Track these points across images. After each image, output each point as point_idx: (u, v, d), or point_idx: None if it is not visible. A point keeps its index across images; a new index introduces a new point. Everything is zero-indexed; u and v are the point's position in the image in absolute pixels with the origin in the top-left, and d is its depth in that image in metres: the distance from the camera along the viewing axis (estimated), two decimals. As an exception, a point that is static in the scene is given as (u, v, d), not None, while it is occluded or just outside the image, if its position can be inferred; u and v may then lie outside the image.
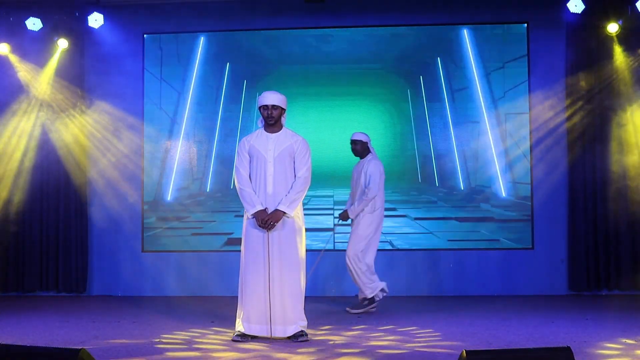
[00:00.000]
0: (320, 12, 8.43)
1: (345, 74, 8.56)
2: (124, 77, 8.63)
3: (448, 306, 7.40)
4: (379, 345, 5.41)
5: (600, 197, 8.11)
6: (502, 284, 8.25)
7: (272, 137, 5.70)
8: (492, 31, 8.47)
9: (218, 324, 6.40)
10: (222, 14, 8.56)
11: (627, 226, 8.06)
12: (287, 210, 5.55)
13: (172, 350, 5.28)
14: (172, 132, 8.66)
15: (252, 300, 5.59)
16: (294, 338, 5.55)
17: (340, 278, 8.34)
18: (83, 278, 8.48)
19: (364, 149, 7.17)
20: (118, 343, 5.56)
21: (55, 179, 8.47)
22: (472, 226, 8.40)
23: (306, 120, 8.48)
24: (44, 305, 7.72)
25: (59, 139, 8.47)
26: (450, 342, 5.47)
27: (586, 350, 5.10)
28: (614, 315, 6.69)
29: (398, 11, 8.50)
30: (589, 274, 8.08)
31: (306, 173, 5.66)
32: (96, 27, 8.38)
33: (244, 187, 5.65)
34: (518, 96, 8.37)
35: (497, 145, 8.39)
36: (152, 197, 8.58)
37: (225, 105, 8.64)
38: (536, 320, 6.46)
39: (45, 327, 6.28)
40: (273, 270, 5.54)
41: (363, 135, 7.18)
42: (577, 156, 8.14)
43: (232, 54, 8.66)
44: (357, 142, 7.18)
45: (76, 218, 8.48)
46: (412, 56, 8.53)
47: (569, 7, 7.96)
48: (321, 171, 8.27)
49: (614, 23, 7.96)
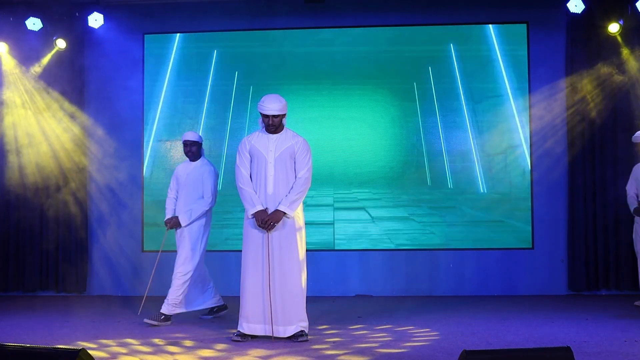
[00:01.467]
0: (320, 12, 8.43)
1: (345, 73, 8.55)
2: (124, 77, 8.63)
3: (448, 306, 7.40)
4: (379, 345, 5.41)
5: (600, 197, 8.12)
6: (502, 284, 8.25)
7: (273, 138, 5.70)
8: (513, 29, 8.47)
9: (218, 324, 6.40)
10: (222, 14, 8.55)
11: (627, 226, 8.05)
12: (288, 211, 5.54)
13: (172, 351, 5.28)
14: (173, 132, 8.66)
15: (252, 300, 5.59)
16: (293, 338, 5.56)
17: (340, 278, 8.35)
18: (83, 278, 8.48)
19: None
20: (118, 343, 5.56)
21: (55, 179, 8.46)
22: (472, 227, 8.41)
23: (306, 120, 8.47)
24: (44, 305, 7.72)
25: (59, 138, 8.47)
26: (450, 342, 5.47)
27: (586, 350, 5.10)
28: (614, 315, 6.69)
29: (398, 11, 8.50)
30: (588, 274, 8.08)
31: (307, 174, 5.66)
32: (96, 27, 8.38)
33: (245, 186, 5.65)
34: (517, 96, 8.37)
35: (495, 145, 8.40)
36: (152, 197, 8.57)
37: (228, 105, 8.63)
38: (536, 320, 6.46)
39: (45, 327, 6.28)
40: (273, 271, 5.54)
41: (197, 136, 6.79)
42: (577, 156, 8.14)
43: (233, 54, 8.66)
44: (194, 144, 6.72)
45: (76, 218, 8.48)
46: (412, 56, 8.53)
47: (569, 7, 7.96)
48: (321, 171, 8.26)
49: (615, 23, 7.96)
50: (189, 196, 6.61)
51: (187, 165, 6.75)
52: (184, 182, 6.67)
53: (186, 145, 6.70)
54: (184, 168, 6.75)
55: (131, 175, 8.57)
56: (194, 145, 6.68)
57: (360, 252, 8.41)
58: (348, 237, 8.43)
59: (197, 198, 6.58)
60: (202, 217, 6.58)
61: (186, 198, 6.62)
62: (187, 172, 6.70)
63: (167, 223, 6.66)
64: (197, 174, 6.62)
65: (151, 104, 8.67)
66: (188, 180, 6.65)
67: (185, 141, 6.71)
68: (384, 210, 8.46)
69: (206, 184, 6.59)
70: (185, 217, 6.52)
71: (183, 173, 6.72)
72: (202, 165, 6.67)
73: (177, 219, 6.55)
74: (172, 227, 6.62)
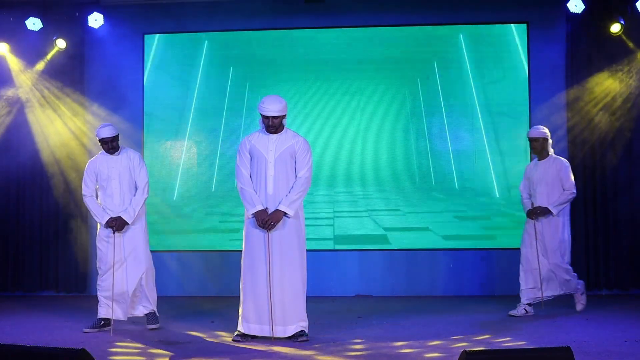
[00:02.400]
0: (320, 12, 8.43)
1: (345, 74, 8.55)
2: (124, 77, 8.63)
3: (447, 306, 7.40)
4: (379, 345, 5.41)
5: (600, 197, 8.11)
6: (502, 284, 8.24)
7: (273, 138, 5.70)
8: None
9: (218, 324, 6.40)
10: (222, 14, 8.55)
11: (627, 226, 8.06)
12: (288, 210, 5.55)
13: (172, 351, 5.28)
14: (173, 132, 8.66)
15: (252, 300, 5.59)
16: (293, 338, 5.56)
17: (340, 278, 8.35)
18: (83, 278, 8.47)
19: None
20: (118, 343, 5.56)
21: (55, 179, 8.46)
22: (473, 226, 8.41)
23: (307, 119, 8.47)
24: (44, 305, 7.72)
25: (59, 138, 8.47)
26: (450, 342, 5.47)
27: (586, 350, 5.10)
28: (614, 315, 6.69)
29: (398, 11, 8.50)
30: (589, 274, 8.08)
31: (307, 173, 5.66)
32: (96, 27, 8.38)
33: (245, 186, 5.65)
34: (517, 96, 8.37)
35: (494, 144, 8.41)
36: (152, 197, 8.56)
37: (229, 105, 8.64)
38: (536, 320, 6.46)
39: (45, 327, 6.28)
40: (273, 271, 5.54)
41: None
42: (577, 156, 8.14)
43: (232, 54, 8.65)
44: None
45: (76, 217, 8.48)
46: (412, 56, 8.53)
47: (569, 7, 7.96)
48: (321, 170, 8.26)
49: (616, 23, 7.95)
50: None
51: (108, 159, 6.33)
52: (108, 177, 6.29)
53: (106, 143, 6.24)
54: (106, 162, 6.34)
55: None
56: (114, 141, 6.28)
57: (360, 252, 8.41)
58: (348, 237, 8.42)
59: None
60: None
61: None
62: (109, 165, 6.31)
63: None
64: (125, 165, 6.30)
65: (151, 104, 8.67)
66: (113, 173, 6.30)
67: (104, 138, 6.22)
68: (384, 210, 8.46)
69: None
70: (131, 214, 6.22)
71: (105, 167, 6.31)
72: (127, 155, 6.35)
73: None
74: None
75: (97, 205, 6.28)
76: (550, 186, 6.76)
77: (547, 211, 6.70)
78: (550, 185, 6.76)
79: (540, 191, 6.79)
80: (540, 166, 6.86)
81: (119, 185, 6.27)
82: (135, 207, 6.21)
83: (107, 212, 6.22)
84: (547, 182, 6.77)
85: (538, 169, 6.87)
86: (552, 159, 6.85)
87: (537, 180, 6.84)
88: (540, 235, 6.73)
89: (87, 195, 6.31)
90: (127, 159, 6.32)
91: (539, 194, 6.80)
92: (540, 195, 6.79)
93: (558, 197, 6.70)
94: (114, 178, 6.26)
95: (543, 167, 6.84)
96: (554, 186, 6.75)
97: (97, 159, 6.38)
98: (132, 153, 6.39)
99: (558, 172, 6.75)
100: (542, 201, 6.76)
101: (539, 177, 6.83)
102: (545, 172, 6.81)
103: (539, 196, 6.79)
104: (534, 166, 6.97)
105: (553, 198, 6.72)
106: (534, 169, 6.93)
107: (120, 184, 6.27)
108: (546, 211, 6.70)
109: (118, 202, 6.24)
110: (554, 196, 6.72)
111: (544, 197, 6.76)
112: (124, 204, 6.24)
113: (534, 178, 6.88)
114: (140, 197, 6.27)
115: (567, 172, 6.75)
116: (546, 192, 6.77)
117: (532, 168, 6.97)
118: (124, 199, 6.25)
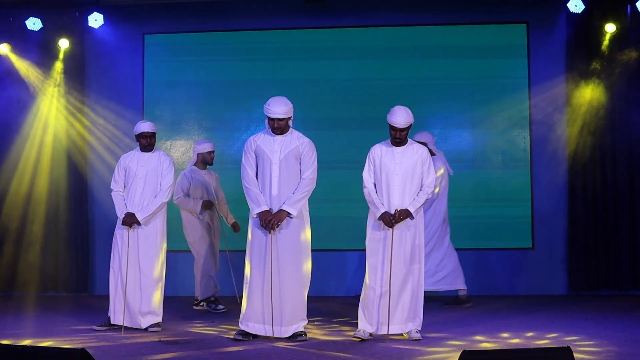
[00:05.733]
0: (320, 12, 8.43)
1: (345, 73, 8.55)
2: (124, 77, 8.64)
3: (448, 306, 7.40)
4: (379, 345, 5.41)
5: (600, 197, 8.10)
6: (502, 284, 8.25)
7: (278, 139, 5.70)
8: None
9: (218, 324, 6.40)
10: (222, 14, 8.55)
11: (627, 226, 8.06)
12: (291, 210, 5.54)
13: (172, 350, 5.28)
14: (173, 132, 8.66)
15: (254, 300, 5.60)
16: (293, 338, 5.56)
17: (340, 278, 8.35)
18: (84, 278, 8.48)
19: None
20: (118, 343, 5.56)
21: (55, 178, 8.47)
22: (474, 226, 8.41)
23: (306, 119, 8.46)
24: (44, 305, 7.72)
25: (59, 138, 8.48)
26: (450, 342, 5.47)
27: (586, 350, 5.10)
28: (614, 315, 6.69)
29: (398, 11, 8.50)
30: (589, 274, 8.07)
31: (312, 174, 5.67)
32: (96, 27, 8.38)
33: (251, 186, 5.65)
34: (516, 96, 8.37)
35: (495, 144, 8.41)
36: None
37: (229, 105, 8.64)
38: (536, 320, 6.46)
39: (45, 327, 6.28)
40: (274, 271, 5.54)
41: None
42: (577, 156, 8.14)
43: (232, 54, 8.65)
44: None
45: (77, 217, 8.49)
46: (412, 56, 8.53)
47: (569, 7, 7.96)
48: (321, 170, 8.22)
49: (611, 23, 7.95)
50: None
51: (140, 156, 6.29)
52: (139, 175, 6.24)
53: (145, 137, 6.24)
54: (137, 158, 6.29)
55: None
56: (153, 137, 6.28)
57: (360, 252, 8.37)
58: (348, 236, 8.40)
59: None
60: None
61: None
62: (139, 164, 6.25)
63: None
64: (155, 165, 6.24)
65: (151, 104, 8.67)
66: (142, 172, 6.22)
67: (144, 132, 6.22)
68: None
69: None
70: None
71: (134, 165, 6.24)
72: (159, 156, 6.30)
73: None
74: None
75: (122, 201, 6.18)
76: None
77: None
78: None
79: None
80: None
81: (143, 184, 6.14)
82: (152, 207, 6.08)
83: (128, 209, 6.12)
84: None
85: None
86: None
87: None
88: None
89: (114, 189, 6.26)
90: (158, 160, 6.23)
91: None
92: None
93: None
94: (140, 177, 6.15)
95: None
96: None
97: (130, 154, 6.32)
98: (163, 156, 6.31)
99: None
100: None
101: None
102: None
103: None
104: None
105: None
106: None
107: (145, 184, 6.14)
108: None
109: (138, 202, 6.13)
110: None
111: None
112: (143, 205, 6.13)
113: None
114: (160, 198, 6.12)
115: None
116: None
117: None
118: (145, 201, 6.14)
